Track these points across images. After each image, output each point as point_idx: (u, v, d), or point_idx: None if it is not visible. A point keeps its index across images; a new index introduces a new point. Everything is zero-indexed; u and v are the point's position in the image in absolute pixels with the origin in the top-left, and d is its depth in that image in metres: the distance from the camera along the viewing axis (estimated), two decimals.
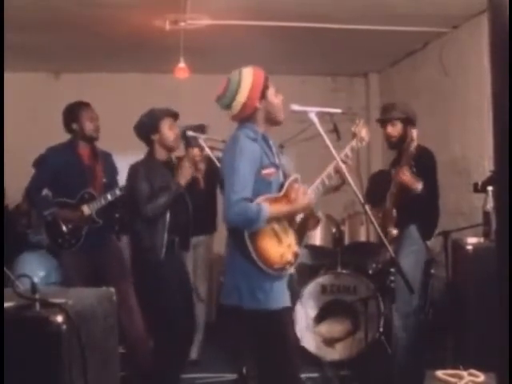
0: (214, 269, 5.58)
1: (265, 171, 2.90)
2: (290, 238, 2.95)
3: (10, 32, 4.45)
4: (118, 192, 4.38)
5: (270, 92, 2.96)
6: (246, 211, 2.78)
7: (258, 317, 2.89)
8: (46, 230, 4.52)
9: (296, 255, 2.97)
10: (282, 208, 2.93)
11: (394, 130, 4.24)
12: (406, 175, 4.00)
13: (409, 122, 4.22)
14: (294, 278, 3.13)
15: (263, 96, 2.94)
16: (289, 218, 2.98)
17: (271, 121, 3.01)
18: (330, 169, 3.13)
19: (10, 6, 3.27)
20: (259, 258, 2.82)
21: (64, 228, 4.42)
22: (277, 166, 2.99)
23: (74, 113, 4.50)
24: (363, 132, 3.34)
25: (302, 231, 3.07)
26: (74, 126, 4.48)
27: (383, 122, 4.32)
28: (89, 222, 4.42)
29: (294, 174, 3.10)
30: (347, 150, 3.24)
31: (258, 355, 3.05)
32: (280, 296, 2.91)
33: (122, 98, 6.53)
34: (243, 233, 2.81)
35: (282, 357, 2.89)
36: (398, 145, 4.24)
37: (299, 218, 3.08)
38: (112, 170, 4.67)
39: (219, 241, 4.76)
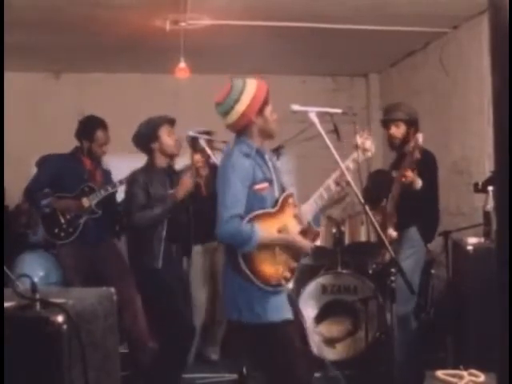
0: None
1: (257, 186, 2.87)
2: (286, 253, 2.90)
3: (10, 32, 4.45)
4: (118, 184, 4.40)
5: (268, 109, 2.93)
6: (238, 231, 2.76)
7: (258, 330, 2.87)
8: (43, 222, 4.53)
9: (293, 270, 2.92)
10: (274, 234, 2.87)
11: (398, 131, 4.19)
12: (409, 174, 3.94)
13: (412, 123, 4.17)
14: (293, 294, 3.08)
15: (261, 111, 2.90)
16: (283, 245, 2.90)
17: (265, 136, 2.99)
18: (330, 182, 3.04)
19: (10, 5, 3.27)
20: (254, 274, 2.79)
21: (62, 219, 4.44)
22: (271, 181, 2.95)
23: (92, 131, 4.48)
24: (367, 143, 3.15)
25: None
26: (86, 143, 4.50)
27: (386, 122, 4.27)
28: (87, 211, 4.45)
29: (291, 188, 3.06)
30: (349, 162, 3.09)
31: (260, 369, 3.04)
32: (279, 308, 2.86)
33: (121, 98, 6.52)
34: (236, 250, 2.79)
35: (284, 369, 2.85)
36: (400, 146, 4.20)
37: (297, 231, 2.99)
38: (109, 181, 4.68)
39: None
